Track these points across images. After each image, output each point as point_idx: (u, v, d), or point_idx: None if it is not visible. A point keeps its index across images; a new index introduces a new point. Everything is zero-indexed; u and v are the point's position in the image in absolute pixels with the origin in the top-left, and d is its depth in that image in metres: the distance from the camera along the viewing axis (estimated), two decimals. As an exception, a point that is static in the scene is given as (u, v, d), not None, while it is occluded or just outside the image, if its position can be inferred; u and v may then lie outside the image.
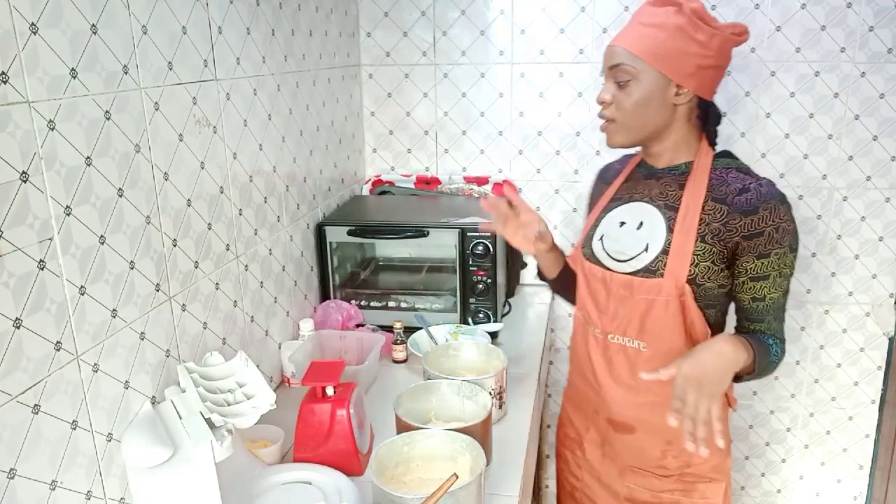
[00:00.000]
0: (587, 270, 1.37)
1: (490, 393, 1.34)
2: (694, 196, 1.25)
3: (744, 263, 1.23)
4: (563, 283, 1.49)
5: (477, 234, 1.73)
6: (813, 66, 1.92)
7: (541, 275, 1.53)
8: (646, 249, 1.28)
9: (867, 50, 1.88)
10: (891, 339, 2.09)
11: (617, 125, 1.27)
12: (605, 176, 1.50)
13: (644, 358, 1.30)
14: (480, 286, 1.77)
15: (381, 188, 2.20)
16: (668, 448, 1.34)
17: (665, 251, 1.25)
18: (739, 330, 1.30)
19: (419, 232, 1.77)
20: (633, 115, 1.25)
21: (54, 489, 0.90)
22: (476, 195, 2.14)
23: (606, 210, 1.39)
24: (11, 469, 0.83)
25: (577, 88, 2.04)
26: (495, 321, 1.79)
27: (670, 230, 1.26)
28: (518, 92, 2.08)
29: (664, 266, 1.24)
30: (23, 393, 0.84)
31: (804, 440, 2.27)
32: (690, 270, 1.23)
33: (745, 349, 1.18)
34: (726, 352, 1.15)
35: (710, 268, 1.23)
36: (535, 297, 2.13)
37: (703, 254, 1.23)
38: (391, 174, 2.23)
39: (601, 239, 1.36)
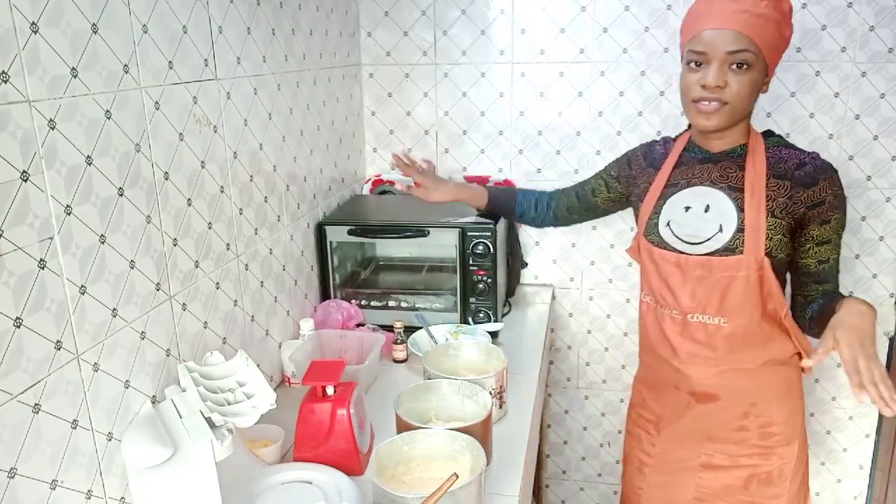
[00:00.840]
0: (657, 256, 1.41)
1: (490, 392, 1.34)
2: (756, 175, 1.33)
3: (809, 231, 1.33)
4: (491, 210, 1.78)
5: (477, 233, 1.73)
6: (813, 66, 1.92)
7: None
8: (720, 230, 1.33)
9: (868, 50, 1.88)
10: (891, 339, 2.09)
11: (727, 107, 1.29)
12: (649, 157, 1.52)
13: (724, 333, 1.36)
14: (481, 286, 1.77)
15: (382, 188, 2.20)
16: (751, 409, 1.40)
17: (740, 229, 1.32)
18: (802, 294, 1.38)
19: (419, 231, 1.78)
20: (743, 99, 1.29)
21: (55, 489, 0.90)
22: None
23: (664, 196, 1.42)
24: (12, 468, 0.83)
25: (578, 88, 2.04)
26: (495, 321, 1.79)
27: (740, 209, 1.32)
28: (518, 91, 2.08)
29: (742, 243, 1.31)
30: (23, 392, 0.84)
31: (804, 440, 2.27)
32: (766, 244, 1.30)
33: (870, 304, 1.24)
34: (864, 309, 1.20)
35: (781, 240, 1.33)
36: (535, 297, 2.13)
37: (776, 228, 1.32)
38: (391, 174, 2.23)
39: (668, 225, 1.40)
